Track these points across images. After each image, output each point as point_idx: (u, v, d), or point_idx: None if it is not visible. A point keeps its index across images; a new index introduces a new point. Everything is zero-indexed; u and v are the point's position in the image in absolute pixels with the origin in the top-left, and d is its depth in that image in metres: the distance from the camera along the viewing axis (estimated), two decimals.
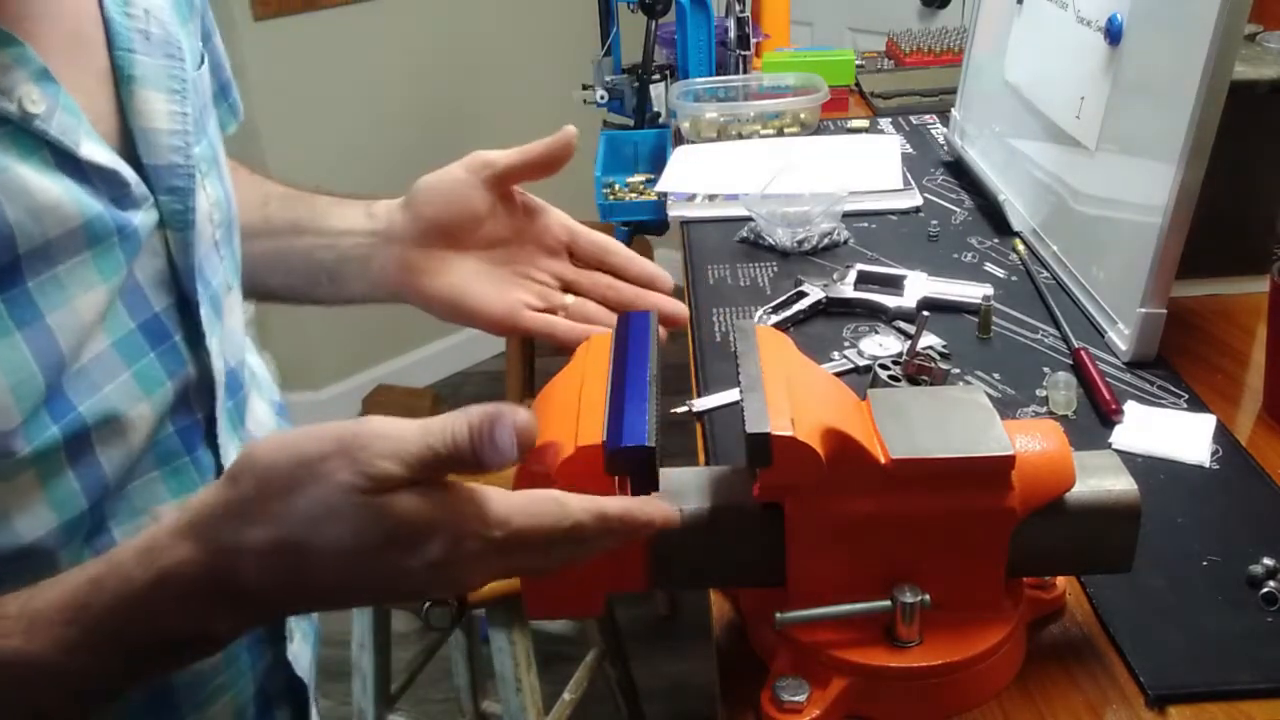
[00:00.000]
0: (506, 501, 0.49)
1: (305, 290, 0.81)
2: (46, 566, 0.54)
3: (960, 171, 1.46)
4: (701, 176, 1.49)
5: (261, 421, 0.72)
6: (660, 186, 1.49)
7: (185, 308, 0.62)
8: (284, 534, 0.46)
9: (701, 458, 0.92)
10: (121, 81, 0.58)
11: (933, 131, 1.65)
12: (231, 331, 0.68)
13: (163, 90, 0.60)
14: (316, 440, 0.48)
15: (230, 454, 0.66)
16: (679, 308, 0.76)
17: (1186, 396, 0.93)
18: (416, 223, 0.79)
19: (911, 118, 1.72)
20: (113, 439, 0.57)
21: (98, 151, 0.55)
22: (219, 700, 0.66)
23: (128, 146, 0.58)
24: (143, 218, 0.57)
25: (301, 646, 0.76)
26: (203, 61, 0.69)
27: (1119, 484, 0.63)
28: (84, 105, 0.54)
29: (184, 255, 0.61)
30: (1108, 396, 0.91)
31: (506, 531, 0.48)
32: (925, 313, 0.99)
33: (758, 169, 1.45)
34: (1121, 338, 1.00)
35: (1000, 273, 1.18)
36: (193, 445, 0.63)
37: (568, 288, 0.78)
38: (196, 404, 0.64)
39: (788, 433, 0.57)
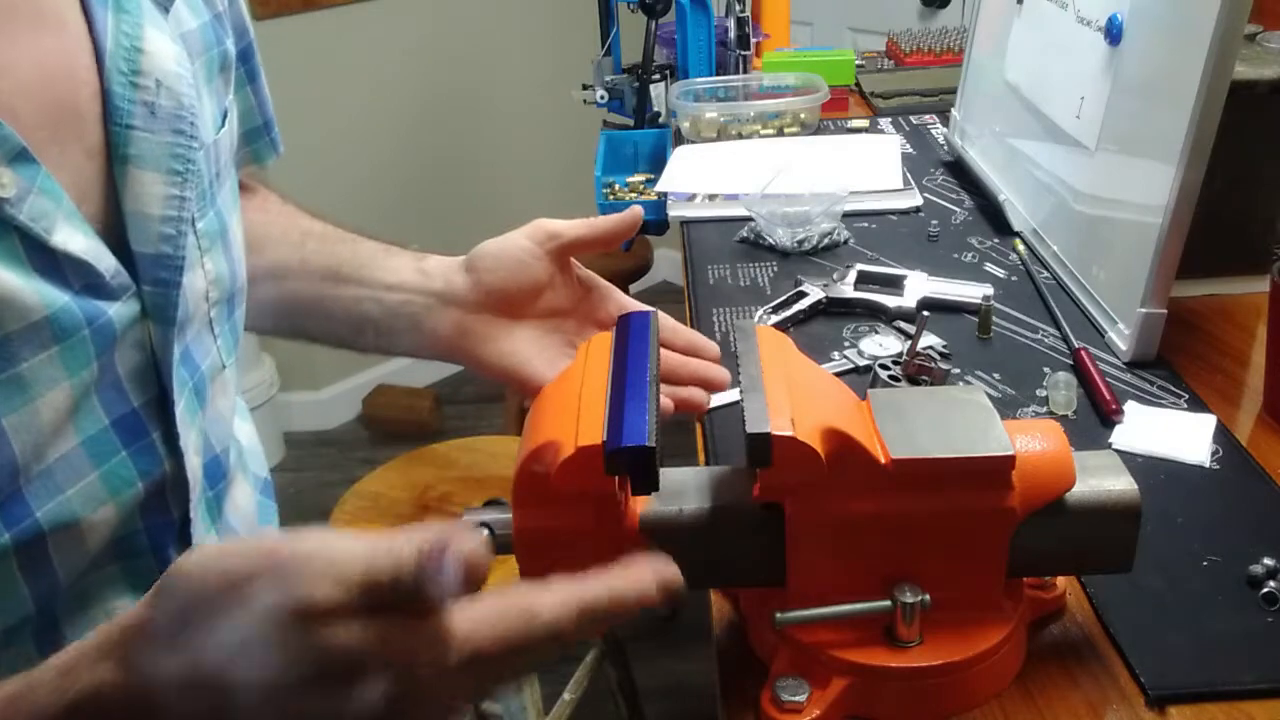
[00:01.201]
0: (467, 619, 0.42)
1: (347, 339, 0.79)
2: None
3: (960, 171, 1.46)
4: (701, 176, 1.49)
5: (241, 507, 0.68)
6: (660, 186, 1.49)
7: (166, 401, 0.58)
8: (203, 664, 0.40)
9: (701, 458, 0.92)
10: (115, 160, 0.54)
11: (933, 131, 1.65)
12: (217, 418, 0.63)
13: (161, 171, 0.55)
14: (245, 557, 0.41)
15: None
16: (722, 375, 0.76)
17: (1186, 396, 0.93)
18: (477, 289, 0.77)
19: (911, 118, 1.72)
20: (69, 543, 0.53)
21: (73, 239, 0.50)
22: None
23: (117, 229, 0.54)
24: (120, 309, 0.53)
25: None
26: (225, 120, 0.65)
27: (1119, 484, 0.63)
28: (68, 184, 0.50)
29: (164, 350, 0.57)
30: (1108, 396, 0.91)
31: (467, 655, 0.42)
32: (925, 313, 0.99)
33: (758, 169, 1.45)
34: (1121, 338, 1.00)
35: (1000, 273, 1.18)
36: (162, 545, 0.59)
37: None
38: (172, 502, 0.59)
39: (788, 433, 0.57)
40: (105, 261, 0.52)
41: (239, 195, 0.70)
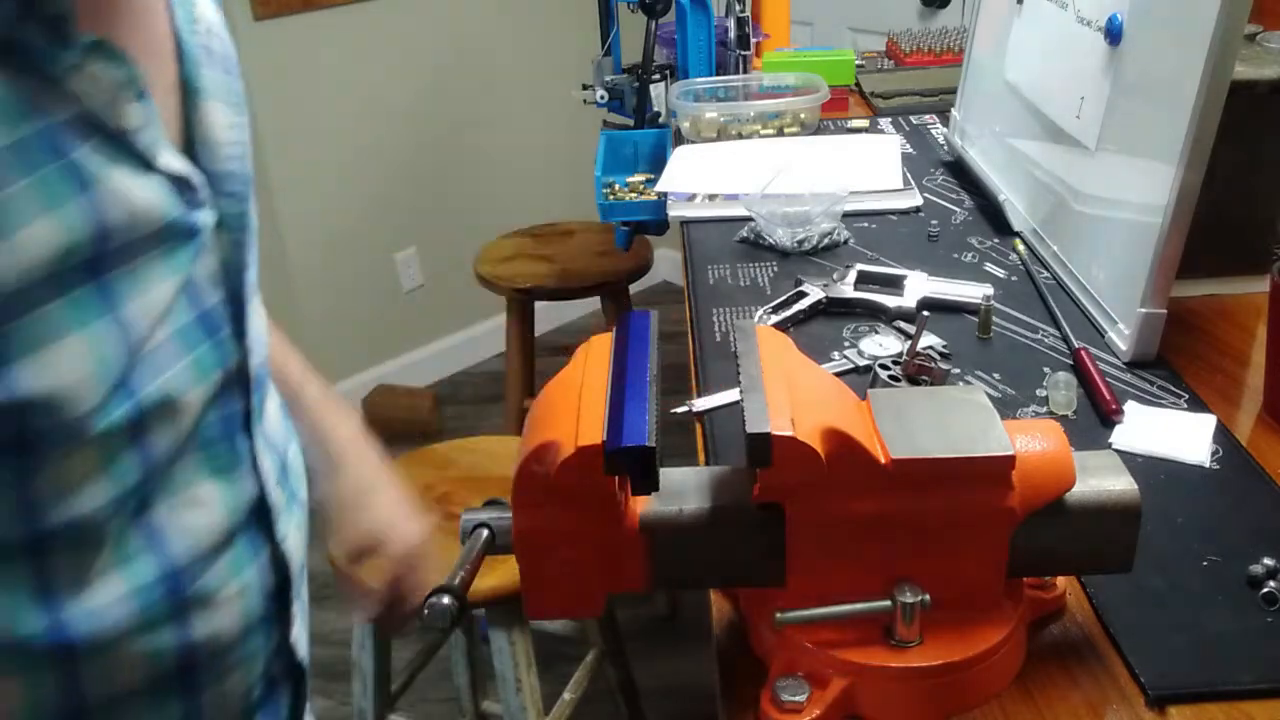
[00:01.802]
0: None
1: None
2: (94, 541, 0.59)
3: (960, 171, 1.47)
4: (701, 176, 1.49)
5: (272, 418, 0.76)
6: (660, 186, 1.49)
7: (231, 304, 0.67)
8: None
9: (701, 458, 0.92)
10: (189, 94, 0.63)
11: (933, 131, 1.65)
12: (259, 329, 0.73)
13: (223, 102, 0.65)
14: None
15: (261, 444, 0.71)
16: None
17: (1186, 396, 0.93)
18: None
19: (911, 118, 1.72)
20: (166, 421, 0.62)
21: (174, 161, 0.60)
22: (232, 676, 0.69)
23: (190, 153, 0.63)
24: (205, 218, 0.62)
25: (301, 632, 0.78)
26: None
27: (1119, 484, 0.63)
28: (160, 117, 0.60)
29: (237, 254, 0.67)
30: (1108, 396, 0.91)
31: None
32: (925, 313, 0.99)
33: (758, 169, 1.45)
34: (1121, 338, 1.00)
35: (1000, 273, 1.18)
36: (232, 432, 0.68)
37: None
38: (237, 394, 0.68)
39: (788, 433, 0.57)
40: (196, 178, 0.62)
41: None
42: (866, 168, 1.45)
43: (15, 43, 0.51)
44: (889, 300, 1.10)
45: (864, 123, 1.70)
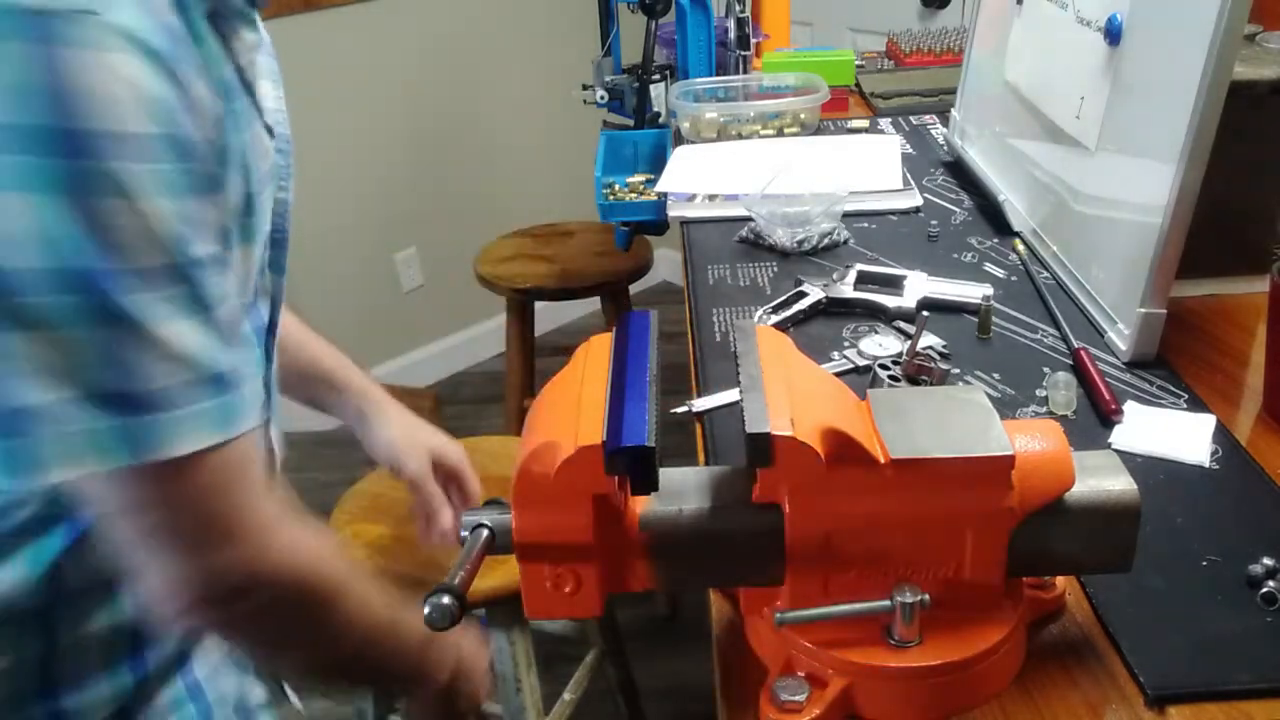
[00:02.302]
0: None
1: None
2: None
3: (960, 171, 1.47)
4: (701, 176, 1.49)
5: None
6: (660, 186, 1.49)
7: (279, 233, 0.77)
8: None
9: (701, 458, 0.92)
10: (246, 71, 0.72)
11: (933, 131, 1.65)
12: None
13: (268, 80, 0.75)
14: None
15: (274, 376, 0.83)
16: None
17: (1186, 396, 0.93)
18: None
19: (911, 118, 1.72)
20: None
21: (269, 114, 0.73)
22: None
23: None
24: (279, 160, 0.75)
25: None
26: None
27: (1119, 484, 0.63)
28: None
29: (285, 194, 0.77)
30: (1107, 396, 0.91)
31: None
32: (925, 313, 0.99)
33: (758, 169, 1.45)
34: (1121, 338, 1.00)
35: (1000, 273, 1.18)
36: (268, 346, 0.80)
37: None
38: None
39: (788, 433, 0.57)
40: (277, 128, 0.73)
41: None
42: (866, 168, 1.45)
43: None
44: (889, 300, 1.10)
45: (864, 123, 1.70)
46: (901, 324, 1.08)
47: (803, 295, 1.11)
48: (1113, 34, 1.05)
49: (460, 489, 1.12)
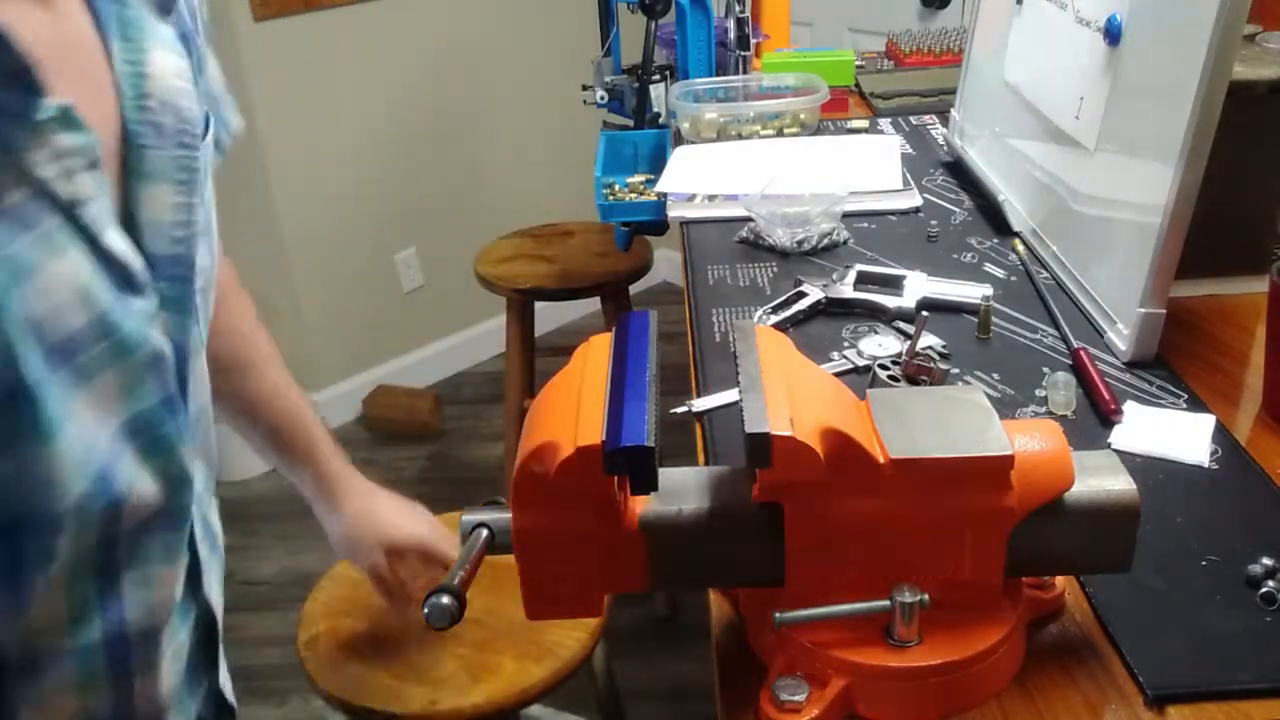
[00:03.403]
0: None
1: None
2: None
3: (960, 171, 1.47)
4: (701, 177, 1.49)
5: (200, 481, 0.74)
6: (660, 187, 1.49)
7: (178, 381, 0.64)
8: None
9: (701, 458, 0.92)
10: (130, 175, 0.59)
11: (933, 131, 1.66)
12: (201, 384, 0.70)
13: (170, 182, 0.61)
14: None
15: (194, 510, 0.69)
16: None
17: (1186, 396, 0.93)
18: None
19: (911, 118, 1.72)
20: (137, 507, 0.61)
21: (117, 242, 0.57)
22: None
23: (133, 234, 0.60)
24: (145, 305, 0.60)
25: (225, 675, 0.81)
26: (208, 124, 0.69)
27: (1118, 484, 0.63)
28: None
29: (180, 335, 0.64)
30: (1107, 396, 0.91)
31: None
32: (925, 313, 0.99)
33: (758, 169, 1.45)
34: (1121, 338, 1.00)
35: (1000, 273, 1.18)
36: (180, 509, 0.67)
37: None
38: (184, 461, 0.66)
39: (787, 433, 0.57)
40: (136, 262, 0.59)
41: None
42: (866, 168, 1.45)
43: None
44: (888, 300, 1.10)
45: (864, 123, 1.70)
46: (901, 324, 1.08)
47: (802, 295, 1.11)
48: (1112, 34, 1.05)
49: (436, 564, 1.09)
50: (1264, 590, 0.70)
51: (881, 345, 1.02)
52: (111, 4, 0.59)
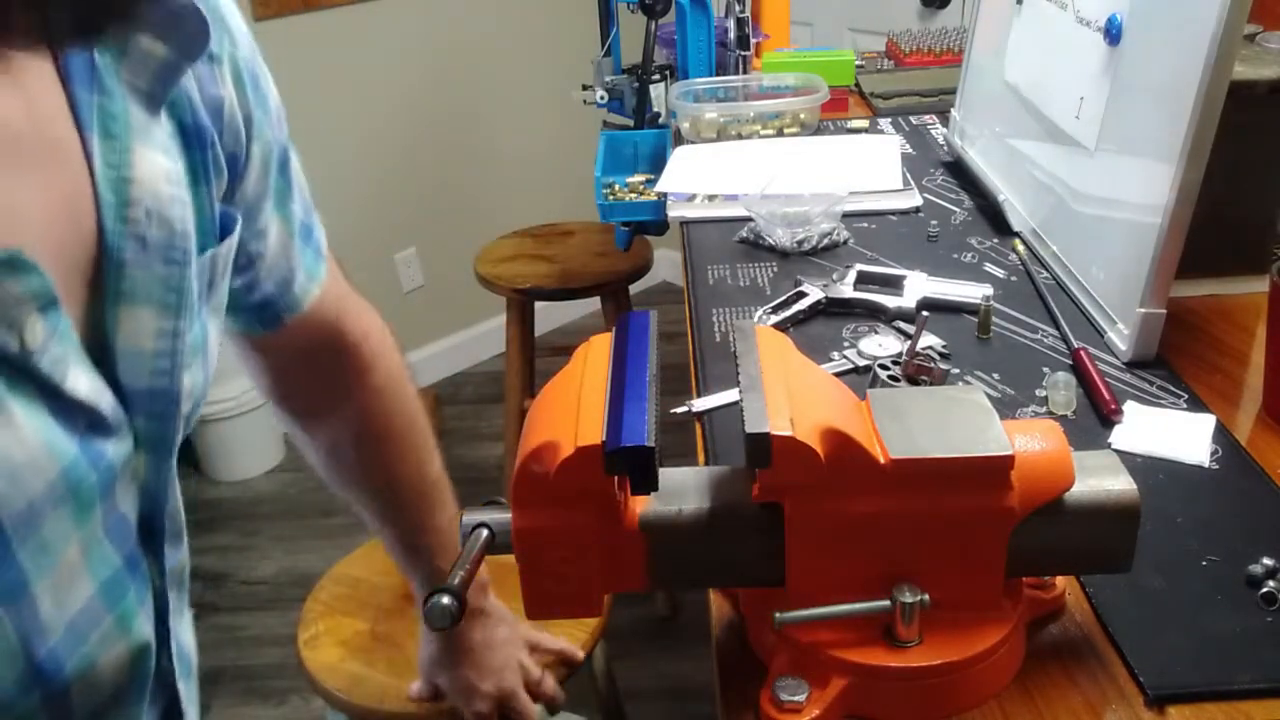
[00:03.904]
0: None
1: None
2: None
3: (960, 171, 1.47)
4: (701, 176, 1.49)
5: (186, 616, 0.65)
6: (660, 186, 1.49)
7: (148, 537, 0.56)
8: None
9: (701, 458, 0.92)
10: (108, 297, 0.51)
11: (933, 131, 1.65)
12: (178, 525, 0.61)
13: (153, 305, 0.53)
14: None
15: (174, 650, 0.60)
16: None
17: (1186, 396, 0.93)
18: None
19: (911, 118, 1.72)
20: (89, 689, 0.52)
21: (80, 381, 0.49)
22: None
23: (108, 364, 0.52)
24: (117, 448, 0.51)
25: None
26: (230, 229, 0.62)
27: (1118, 484, 0.63)
28: (72, 324, 0.49)
29: (157, 479, 0.55)
30: (1107, 396, 0.91)
31: None
32: (925, 313, 0.99)
33: (758, 169, 1.45)
34: (1121, 338, 1.00)
35: (1000, 273, 1.18)
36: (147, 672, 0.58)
37: None
38: (156, 625, 0.58)
39: (787, 433, 0.57)
40: (106, 401, 0.50)
41: (350, 366, 0.83)
42: (866, 168, 1.45)
43: None
44: (889, 300, 1.10)
45: (864, 123, 1.70)
46: (901, 324, 1.08)
47: (802, 295, 1.11)
48: (1112, 34, 1.05)
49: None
50: (1264, 590, 0.70)
51: (881, 345, 1.02)
52: (92, 94, 0.50)
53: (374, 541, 1.43)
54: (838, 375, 0.98)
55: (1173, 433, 0.87)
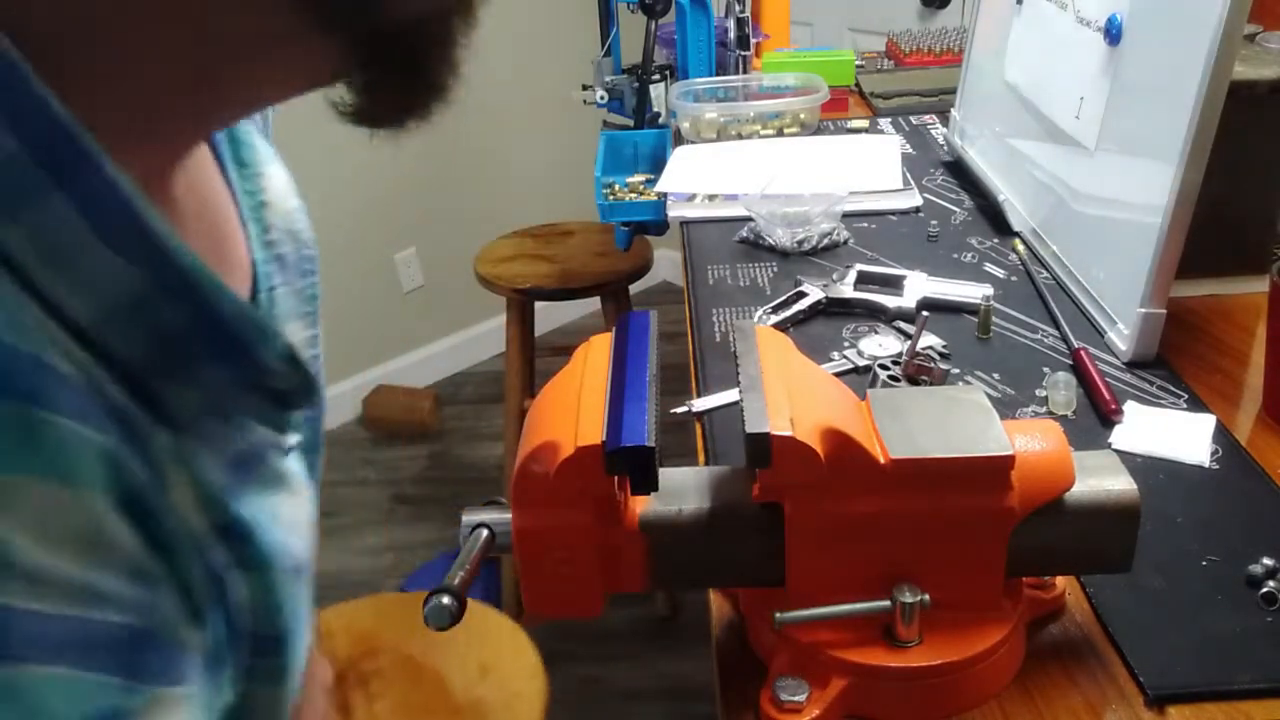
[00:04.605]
0: None
1: None
2: None
3: (960, 171, 1.47)
4: (701, 176, 1.49)
5: None
6: (660, 186, 1.49)
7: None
8: None
9: (701, 458, 0.92)
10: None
11: (933, 131, 1.65)
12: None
13: (298, 317, 0.56)
14: None
15: None
16: None
17: (1186, 396, 0.93)
18: None
19: (911, 118, 1.72)
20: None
21: (294, 436, 0.52)
22: None
23: None
24: (294, 461, 0.53)
25: None
26: None
27: (1118, 484, 0.63)
28: None
29: (311, 474, 0.58)
30: (1107, 396, 0.91)
31: None
32: (925, 313, 0.99)
33: (758, 169, 1.45)
34: (1121, 338, 1.00)
35: (1000, 273, 1.18)
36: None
37: None
38: None
39: (787, 433, 0.57)
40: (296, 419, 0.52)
41: None
42: (866, 168, 1.45)
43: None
44: (889, 300, 1.10)
45: (864, 123, 1.70)
46: (901, 324, 1.08)
47: (803, 295, 1.11)
48: (1112, 34, 1.05)
49: None
50: (1264, 590, 0.70)
51: (881, 345, 1.02)
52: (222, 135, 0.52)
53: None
54: (838, 375, 0.97)
55: (1173, 433, 0.87)
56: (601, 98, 2.05)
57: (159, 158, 0.43)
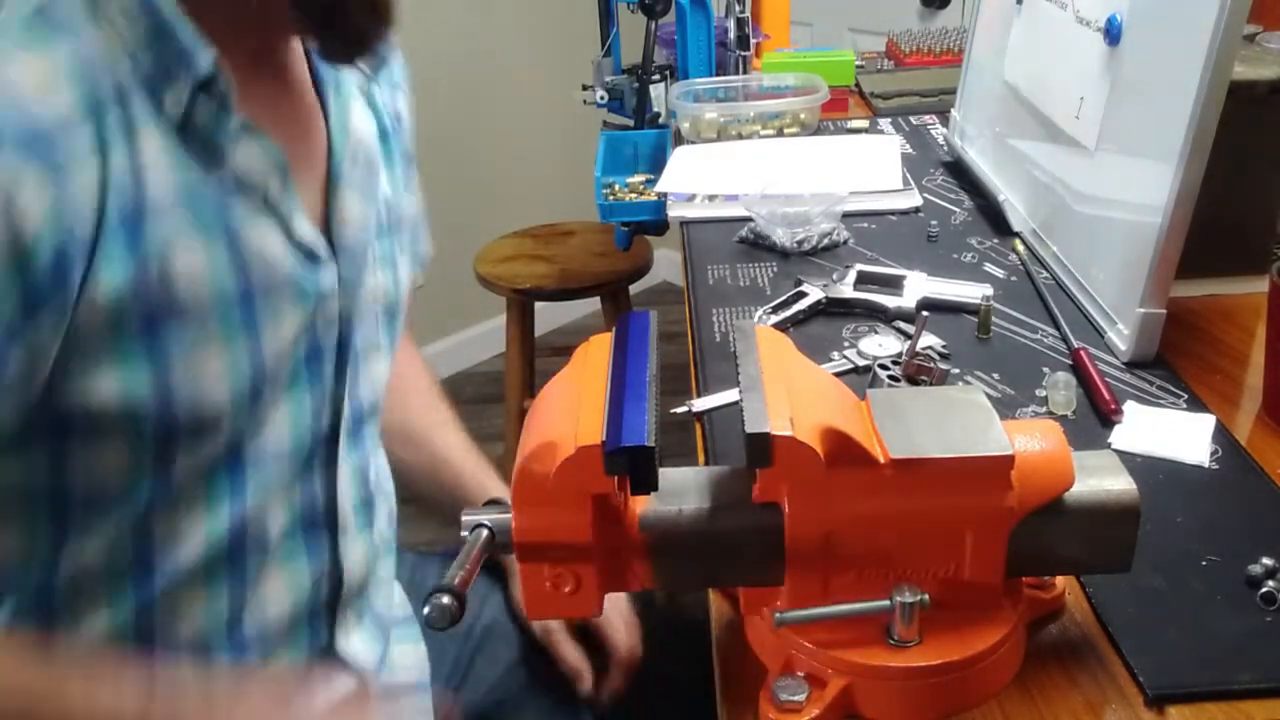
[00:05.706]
0: None
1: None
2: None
3: (960, 171, 1.47)
4: (701, 176, 1.49)
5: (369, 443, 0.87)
6: (660, 187, 1.49)
7: (340, 350, 0.79)
8: None
9: (701, 458, 0.92)
10: (332, 185, 0.78)
11: (933, 131, 1.66)
12: (371, 378, 0.85)
13: (359, 193, 0.79)
14: None
15: (345, 472, 0.82)
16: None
17: (1186, 396, 0.93)
18: None
19: (911, 118, 1.72)
20: (268, 448, 0.75)
21: (305, 229, 0.73)
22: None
23: (327, 231, 0.77)
24: (325, 277, 0.75)
25: (362, 644, 0.87)
26: (403, 186, 0.89)
27: (1118, 484, 0.63)
28: (304, 199, 0.74)
29: (349, 310, 0.79)
30: (1107, 396, 0.91)
31: None
32: (925, 313, 0.99)
33: (758, 169, 1.45)
34: (1121, 338, 1.00)
35: (1000, 273, 1.18)
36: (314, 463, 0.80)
37: None
38: (328, 431, 0.80)
39: (787, 433, 0.57)
40: (320, 246, 0.75)
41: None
42: (866, 168, 1.45)
43: (190, 116, 0.65)
44: (888, 300, 1.10)
45: (864, 123, 1.70)
46: (901, 324, 1.08)
47: (802, 295, 1.11)
48: (1112, 34, 1.05)
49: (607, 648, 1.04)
50: (1264, 590, 0.70)
51: (881, 345, 1.02)
52: (329, 70, 0.79)
53: None
54: (838, 375, 0.98)
55: (1173, 433, 0.88)
56: (601, 98, 2.05)
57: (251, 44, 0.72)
